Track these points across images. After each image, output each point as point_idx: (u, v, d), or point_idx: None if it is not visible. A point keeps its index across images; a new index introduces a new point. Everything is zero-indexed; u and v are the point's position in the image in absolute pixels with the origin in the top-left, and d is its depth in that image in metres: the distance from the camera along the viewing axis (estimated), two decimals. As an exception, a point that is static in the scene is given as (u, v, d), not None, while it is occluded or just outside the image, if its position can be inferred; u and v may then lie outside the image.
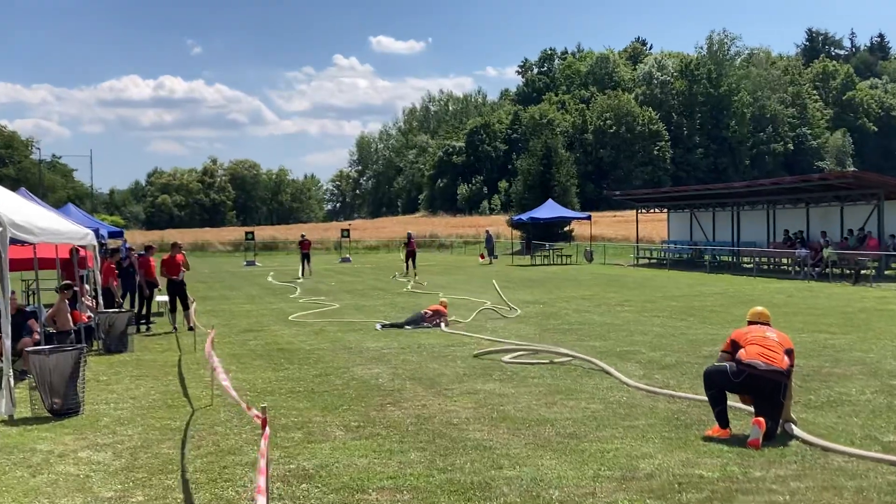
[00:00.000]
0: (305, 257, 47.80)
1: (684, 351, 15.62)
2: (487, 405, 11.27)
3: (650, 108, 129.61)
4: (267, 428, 6.62)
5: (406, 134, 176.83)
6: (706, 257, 47.36)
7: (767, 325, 10.10)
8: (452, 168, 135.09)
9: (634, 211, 59.15)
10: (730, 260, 46.84)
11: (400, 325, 20.27)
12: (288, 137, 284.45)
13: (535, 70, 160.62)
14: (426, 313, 20.67)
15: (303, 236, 51.83)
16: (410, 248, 44.29)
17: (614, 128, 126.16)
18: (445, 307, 21.31)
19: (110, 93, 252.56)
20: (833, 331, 18.25)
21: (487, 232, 61.66)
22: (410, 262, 43.19)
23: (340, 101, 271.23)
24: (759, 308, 10.33)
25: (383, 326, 20.30)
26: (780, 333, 9.85)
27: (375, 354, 16.08)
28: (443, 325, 20.23)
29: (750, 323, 10.18)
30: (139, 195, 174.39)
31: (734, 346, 9.72)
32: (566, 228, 71.60)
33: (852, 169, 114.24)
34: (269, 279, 42.50)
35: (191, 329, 20.61)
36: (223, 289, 36.81)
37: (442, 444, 9.30)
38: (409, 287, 34.36)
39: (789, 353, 9.60)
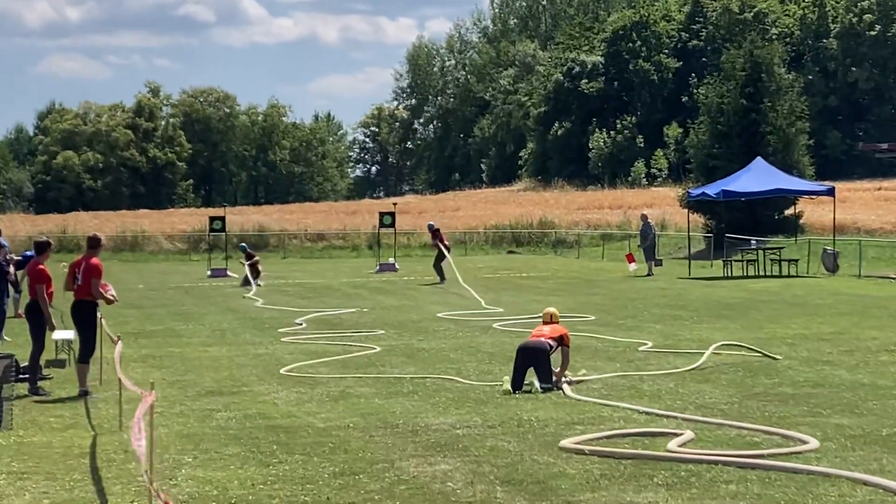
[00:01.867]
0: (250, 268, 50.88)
1: None
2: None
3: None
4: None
5: (496, 41, 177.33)
6: None
7: None
8: (581, 102, 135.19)
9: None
10: None
11: (550, 386, 20.42)
12: (284, 49, 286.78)
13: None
14: (548, 343, 20.74)
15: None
16: (440, 244, 48.26)
17: (878, 28, 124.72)
18: (557, 322, 21.65)
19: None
20: None
21: (644, 218, 61.40)
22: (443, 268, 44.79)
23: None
24: None
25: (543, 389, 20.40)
26: None
27: (441, 437, 16.15)
28: (565, 386, 20.26)
29: None
30: (23, 151, 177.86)
31: None
32: (789, 212, 71.01)
33: None
34: (247, 297, 42.86)
35: (82, 394, 20.85)
36: (171, 318, 37.26)
37: None
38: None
39: None
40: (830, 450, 14.72)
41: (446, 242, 51.86)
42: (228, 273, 60.83)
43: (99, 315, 22.26)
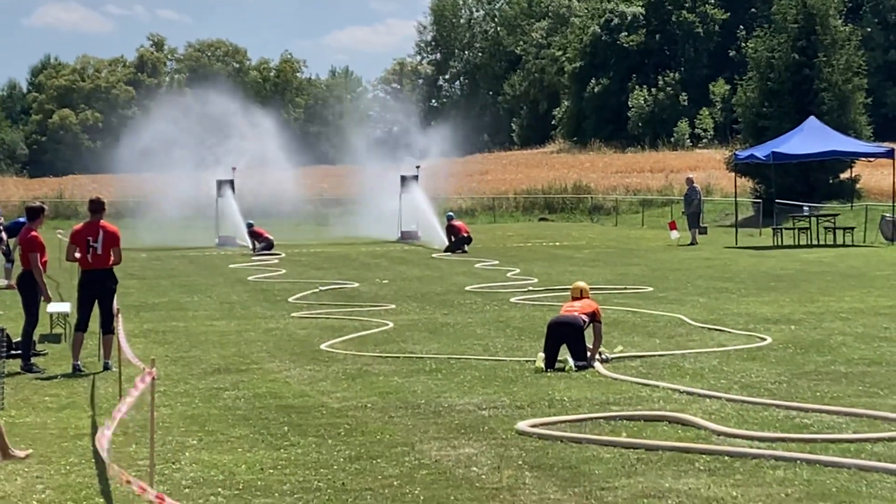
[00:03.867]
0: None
1: None
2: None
3: None
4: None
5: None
6: None
7: None
8: (621, 57, 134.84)
9: None
10: None
11: (585, 364, 20.38)
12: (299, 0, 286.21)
13: None
14: (581, 318, 20.70)
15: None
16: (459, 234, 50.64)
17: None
18: (590, 297, 21.73)
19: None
20: None
21: (689, 182, 61.26)
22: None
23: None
24: None
25: (578, 367, 20.37)
26: None
27: (465, 419, 16.16)
28: (597, 363, 20.25)
29: None
30: (15, 110, 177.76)
31: None
32: (845, 175, 70.78)
33: None
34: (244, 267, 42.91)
35: (107, 367, 20.96)
36: (175, 290, 37.35)
37: None
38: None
39: None
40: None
41: (463, 234, 53.00)
42: (238, 241, 60.97)
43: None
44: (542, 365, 20.06)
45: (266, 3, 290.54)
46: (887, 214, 56.20)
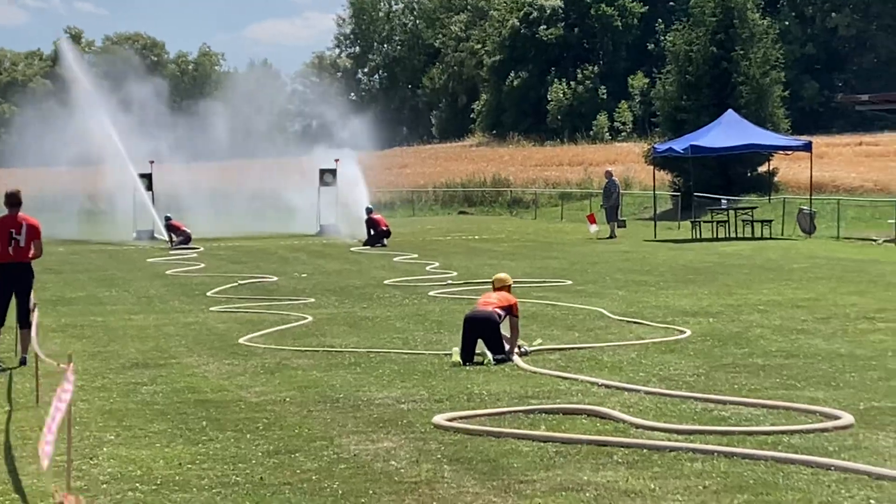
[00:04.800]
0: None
1: None
2: (605, 520, 11.34)
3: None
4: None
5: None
6: None
7: None
8: (539, 50, 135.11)
9: (897, 134, 58.85)
10: None
11: (503, 357, 20.38)
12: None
13: None
14: (496, 313, 20.70)
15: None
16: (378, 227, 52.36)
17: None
18: (509, 289, 21.69)
19: None
20: None
21: (608, 175, 61.40)
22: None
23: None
24: None
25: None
26: None
27: (384, 412, 16.17)
28: (516, 356, 20.31)
29: None
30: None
31: None
32: (762, 169, 71.22)
33: None
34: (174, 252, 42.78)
35: (23, 362, 20.85)
36: (93, 284, 37.17)
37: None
38: None
39: None
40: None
41: (383, 228, 53.47)
42: (156, 235, 60.86)
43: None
44: (459, 359, 20.08)
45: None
46: (804, 207, 56.58)
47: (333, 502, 11.88)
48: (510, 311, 20.81)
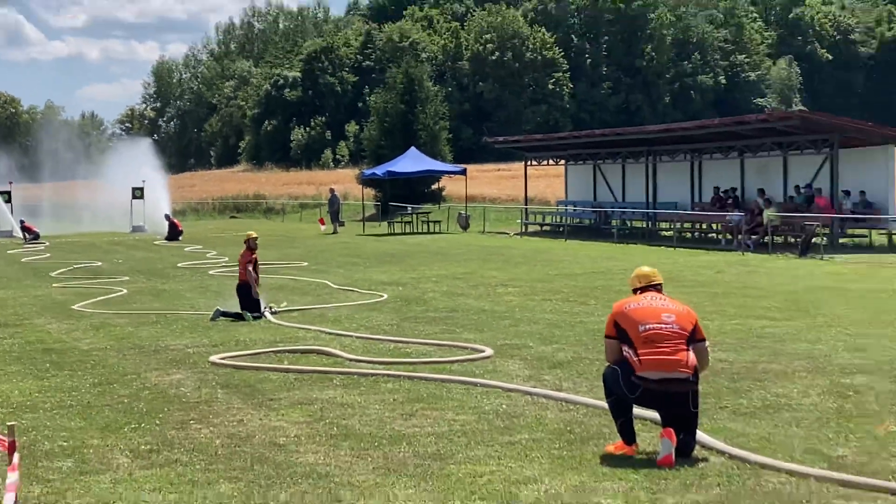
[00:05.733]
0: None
1: (583, 344, 15.90)
2: (325, 419, 11.28)
3: (543, 29, 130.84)
4: (16, 455, 6.45)
5: (221, 60, 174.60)
6: (614, 223, 48.22)
7: (658, 289, 10.03)
8: (285, 106, 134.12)
9: (523, 163, 59.71)
10: (644, 226, 47.80)
11: (259, 315, 20.14)
12: (59, 63, 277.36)
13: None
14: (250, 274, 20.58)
15: None
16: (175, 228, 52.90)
17: (497, 54, 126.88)
18: (253, 249, 21.24)
19: None
20: (773, 316, 18.87)
21: (332, 191, 61.55)
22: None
23: (130, 13, 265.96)
24: (646, 269, 10.22)
25: (221, 315, 20.07)
26: (677, 308, 9.76)
27: (177, 355, 15.92)
28: (268, 312, 20.24)
29: (635, 290, 10.04)
30: None
31: (620, 331, 9.61)
32: (435, 186, 71.94)
33: (799, 109, 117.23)
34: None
35: None
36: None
37: (263, 472, 9.25)
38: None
39: (694, 333, 9.61)
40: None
41: (178, 228, 53.71)
42: (14, 234, 59.27)
43: None
44: (217, 315, 19.99)
45: (34, 66, 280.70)
46: (462, 212, 57.30)
47: (140, 417, 11.68)
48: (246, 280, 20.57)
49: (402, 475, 9.04)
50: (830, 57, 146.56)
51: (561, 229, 50.38)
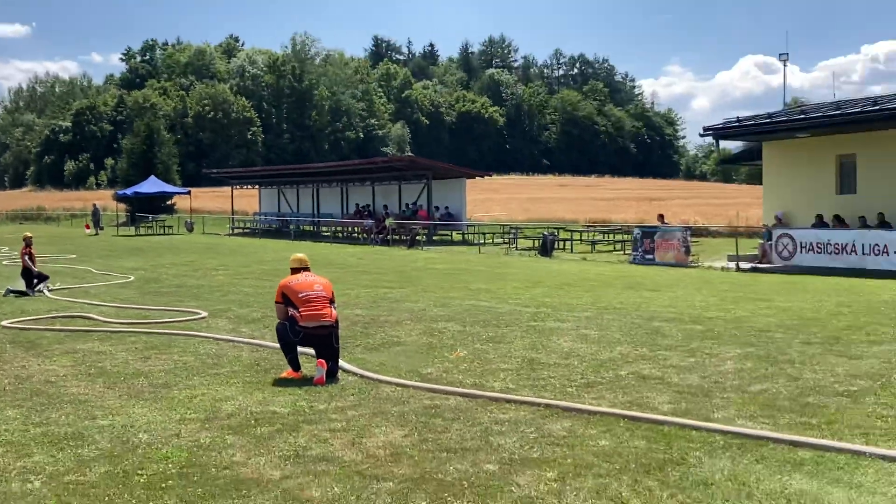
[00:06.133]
0: None
1: (269, 307, 15.69)
2: (86, 363, 10.64)
3: (244, 98, 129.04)
4: None
5: (12, 113, 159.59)
6: (291, 227, 48.10)
7: (308, 269, 10.17)
8: (59, 146, 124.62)
9: (230, 187, 58.53)
10: (311, 229, 48.04)
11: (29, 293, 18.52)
12: None
13: (139, 58, 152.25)
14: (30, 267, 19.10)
15: None
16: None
17: (212, 113, 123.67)
18: (29, 244, 19.63)
19: None
20: (391, 286, 19.36)
21: (94, 205, 57.95)
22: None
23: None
24: (300, 255, 10.39)
25: (11, 292, 18.39)
26: (323, 283, 9.89)
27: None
28: (46, 290, 18.84)
29: (294, 270, 10.13)
30: None
31: (286, 298, 9.66)
32: (169, 202, 68.82)
33: (409, 154, 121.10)
34: None
35: None
36: None
37: (39, 401, 8.63)
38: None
39: (332, 298, 9.83)
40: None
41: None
42: None
43: None
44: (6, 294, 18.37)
45: None
46: (188, 220, 55.19)
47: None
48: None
49: (140, 399, 8.67)
50: (428, 122, 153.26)
51: (256, 232, 49.96)
